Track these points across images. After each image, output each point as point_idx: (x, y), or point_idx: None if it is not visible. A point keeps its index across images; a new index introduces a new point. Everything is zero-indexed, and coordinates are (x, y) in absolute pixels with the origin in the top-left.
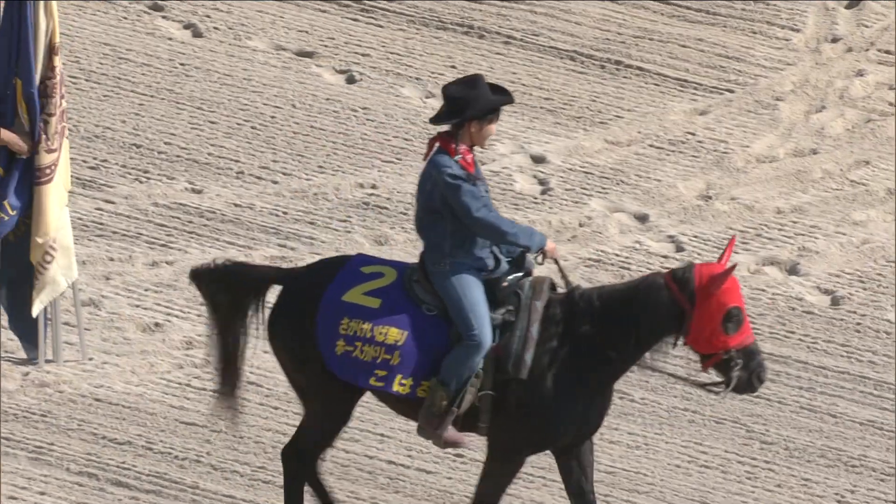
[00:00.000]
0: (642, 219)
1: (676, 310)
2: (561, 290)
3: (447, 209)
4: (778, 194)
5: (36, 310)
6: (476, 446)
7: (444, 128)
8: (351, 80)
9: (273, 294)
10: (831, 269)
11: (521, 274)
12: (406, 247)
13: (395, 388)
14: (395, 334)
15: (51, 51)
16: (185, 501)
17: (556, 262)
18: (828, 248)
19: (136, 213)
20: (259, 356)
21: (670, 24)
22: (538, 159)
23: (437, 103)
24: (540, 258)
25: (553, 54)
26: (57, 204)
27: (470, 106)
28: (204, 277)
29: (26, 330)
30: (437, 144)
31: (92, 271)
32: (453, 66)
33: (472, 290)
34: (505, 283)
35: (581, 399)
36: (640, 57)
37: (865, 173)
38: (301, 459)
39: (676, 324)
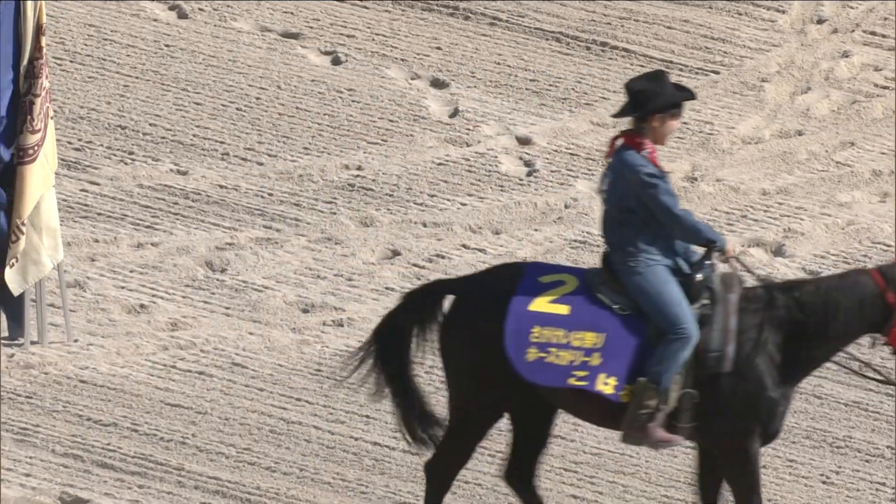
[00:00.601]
0: None
1: (882, 307)
2: (750, 283)
3: (642, 208)
4: (763, 176)
5: (16, 289)
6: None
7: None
8: (336, 62)
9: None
10: (816, 251)
11: (710, 269)
12: (391, 228)
13: (599, 387)
14: (592, 338)
15: (38, 30)
16: (170, 483)
17: (738, 260)
18: (813, 230)
19: (121, 194)
20: (245, 338)
21: (656, 5)
22: (524, 141)
23: (422, 84)
24: (722, 257)
25: (539, 35)
26: (38, 185)
27: (653, 99)
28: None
29: (12, 309)
30: (620, 141)
31: (77, 253)
32: (439, 48)
33: (670, 285)
34: (699, 277)
35: (780, 391)
36: (625, 38)
37: (851, 155)
38: (450, 473)
39: (879, 321)
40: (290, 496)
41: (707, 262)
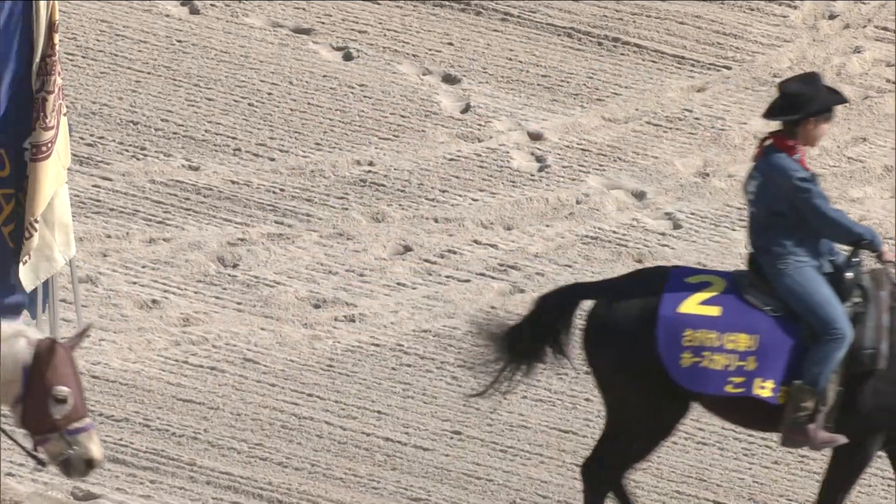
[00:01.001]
0: (640, 196)
1: None
2: None
3: (792, 211)
4: None
5: (28, 285)
6: (472, 423)
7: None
8: (348, 57)
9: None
10: None
11: (859, 266)
12: (403, 223)
13: (756, 391)
14: (745, 340)
15: (51, 28)
16: (182, 478)
17: (893, 262)
18: None
19: (133, 189)
20: (256, 333)
21: (668, 0)
22: (535, 136)
23: (433, 80)
24: (880, 257)
25: (550, 31)
26: (52, 182)
27: (809, 103)
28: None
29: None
30: (768, 143)
31: (89, 248)
32: (450, 43)
33: (821, 286)
34: (849, 275)
35: None
36: (637, 34)
37: (863, 150)
38: (607, 475)
39: None
40: (301, 491)
41: (855, 259)
